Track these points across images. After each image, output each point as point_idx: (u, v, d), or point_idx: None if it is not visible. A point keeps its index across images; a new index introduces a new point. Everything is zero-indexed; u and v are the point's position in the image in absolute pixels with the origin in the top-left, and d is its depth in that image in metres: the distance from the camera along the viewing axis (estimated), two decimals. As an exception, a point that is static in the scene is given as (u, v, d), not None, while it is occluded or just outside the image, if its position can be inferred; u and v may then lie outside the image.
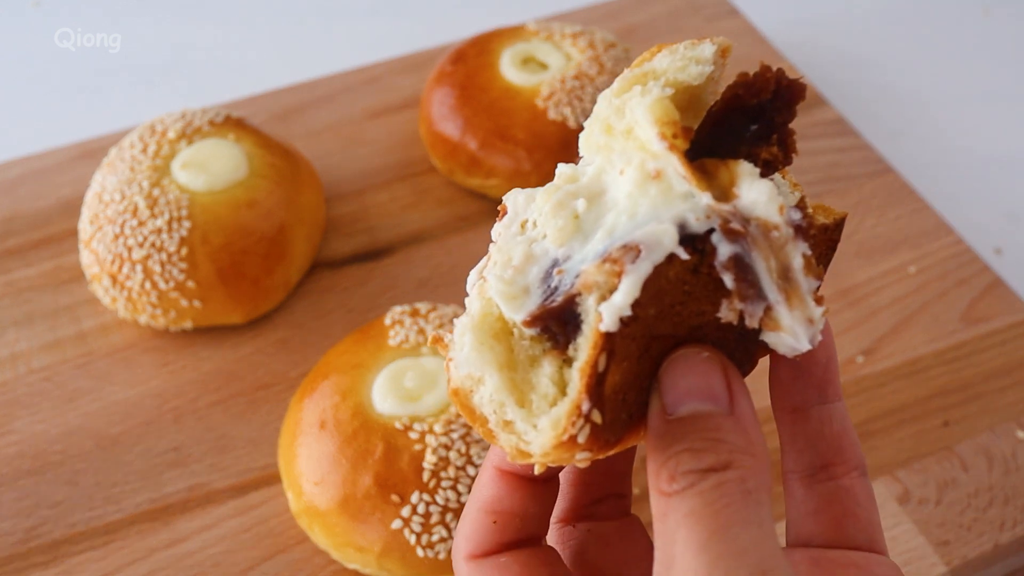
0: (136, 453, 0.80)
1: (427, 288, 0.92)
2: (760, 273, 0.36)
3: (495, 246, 0.41)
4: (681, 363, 0.38)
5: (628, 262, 0.36)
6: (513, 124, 0.94)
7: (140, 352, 0.87)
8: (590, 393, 0.36)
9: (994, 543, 0.73)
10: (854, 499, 0.44)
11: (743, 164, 0.37)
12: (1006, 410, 0.81)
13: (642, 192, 0.38)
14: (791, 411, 0.44)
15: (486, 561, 0.43)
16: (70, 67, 1.23)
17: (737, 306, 0.37)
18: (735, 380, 0.38)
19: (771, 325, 0.37)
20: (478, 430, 0.40)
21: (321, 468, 0.71)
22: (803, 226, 0.36)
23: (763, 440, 0.37)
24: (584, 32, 1.01)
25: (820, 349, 0.44)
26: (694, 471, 0.35)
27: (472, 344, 0.40)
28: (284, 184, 0.89)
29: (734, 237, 0.36)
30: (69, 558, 0.74)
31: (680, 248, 0.36)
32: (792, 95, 0.38)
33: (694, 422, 0.37)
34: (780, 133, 0.39)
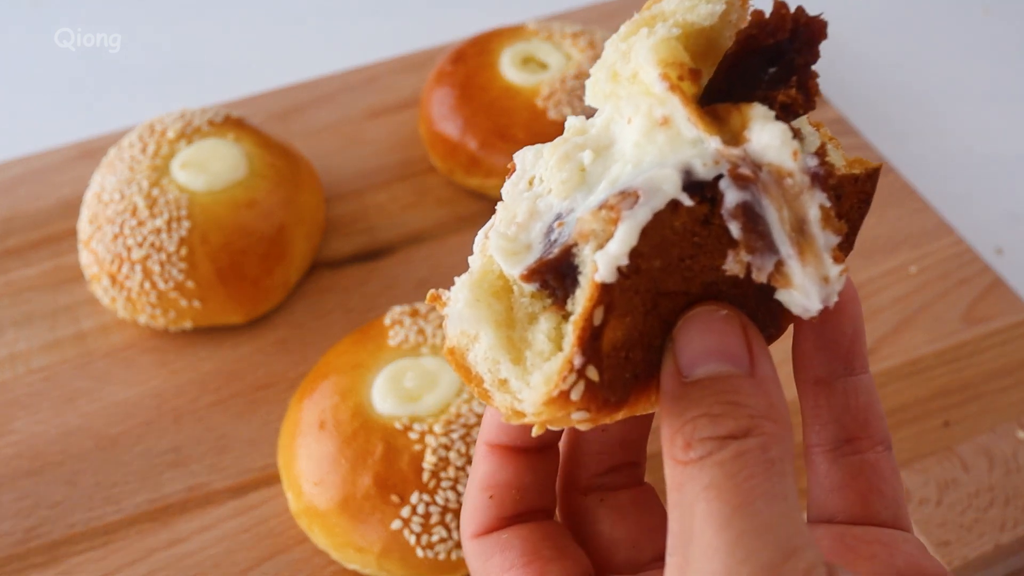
0: (135, 453, 0.80)
1: (427, 288, 0.91)
2: (771, 223, 0.33)
3: (501, 204, 0.39)
4: (698, 321, 0.35)
5: (625, 208, 0.33)
6: (513, 124, 0.94)
7: (139, 352, 0.86)
8: (583, 347, 0.34)
9: (995, 543, 0.73)
10: (880, 474, 0.42)
11: (756, 107, 0.35)
12: (1007, 410, 0.81)
13: (649, 140, 0.35)
14: (815, 382, 0.42)
15: (488, 538, 0.42)
16: (70, 67, 1.23)
17: (744, 258, 0.34)
18: (755, 340, 0.35)
19: (782, 281, 0.34)
20: (473, 390, 0.38)
21: (321, 468, 0.71)
22: (820, 174, 0.33)
23: (786, 404, 0.35)
24: (584, 32, 1.01)
25: (847, 318, 0.42)
26: (712, 438, 0.33)
27: (467, 300, 0.38)
28: (284, 184, 0.89)
29: (743, 183, 0.33)
30: (68, 558, 0.74)
31: (684, 194, 0.33)
32: (812, 34, 0.36)
33: (711, 384, 0.34)
34: (800, 75, 0.36)
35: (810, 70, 0.36)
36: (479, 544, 0.42)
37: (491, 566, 0.42)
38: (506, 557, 0.41)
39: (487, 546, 0.42)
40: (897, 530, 0.41)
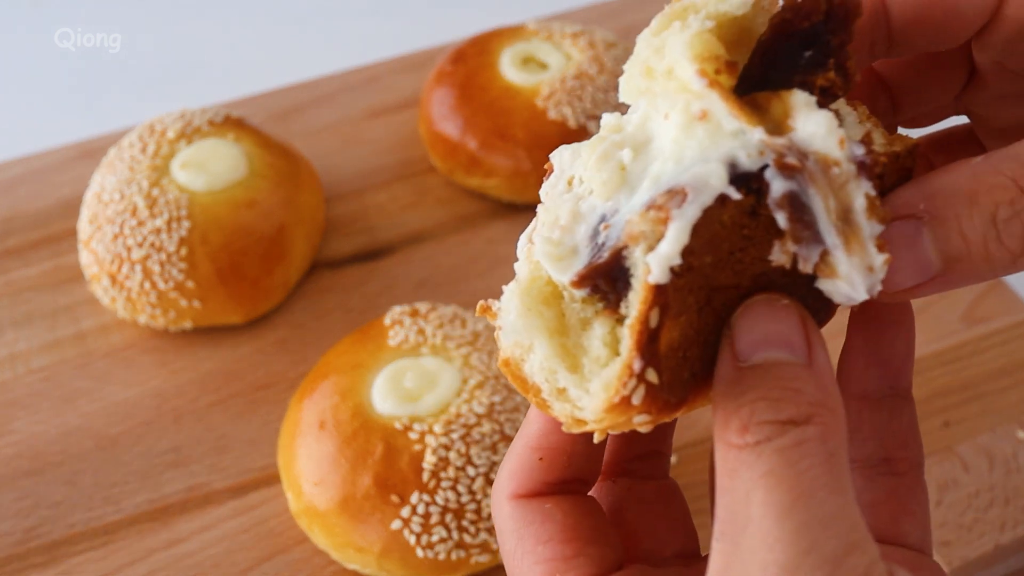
0: (135, 453, 0.80)
1: (427, 288, 0.91)
2: (817, 213, 0.33)
3: (542, 206, 0.38)
4: (758, 308, 0.35)
5: (674, 207, 0.33)
6: (513, 124, 0.94)
7: (139, 352, 0.86)
8: (641, 351, 0.33)
9: (995, 544, 0.73)
10: (915, 497, 0.41)
11: (797, 93, 0.34)
12: (1007, 411, 0.81)
13: (688, 135, 0.35)
14: (860, 397, 0.42)
15: (530, 503, 0.41)
16: (70, 67, 1.23)
17: (791, 248, 0.34)
18: (813, 331, 0.35)
19: (827, 271, 0.34)
20: (531, 400, 0.38)
21: (321, 468, 0.71)
22: (867, 163, 0.33)
23: (840, 397, 0.34)
24: (584, 32, 1.01)
25: (902, 337, 0.42)
26: (772, 422, 0.32)
27: (519, 310, 0.37)
28: (284, 184, 0.89)
29: (790, 173, 0.33)
30: (68, 558, 0.74)
31: (731, 188, 0.33)
32: (847, 13, 0.35)
33: (769, 370, 0.34)
34: (837, 56, 0.35)
35: (846, 51, 0.36)
36: (518, 507, 0.41)
37: (528, 533, 0.40)
38: (546, 528, 0.40)
39: (527, 511, 0.41)
40: (922, 554, 0.41)
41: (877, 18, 0.40)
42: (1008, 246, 0.34)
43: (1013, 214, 0.34)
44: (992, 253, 0.34)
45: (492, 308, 0.39)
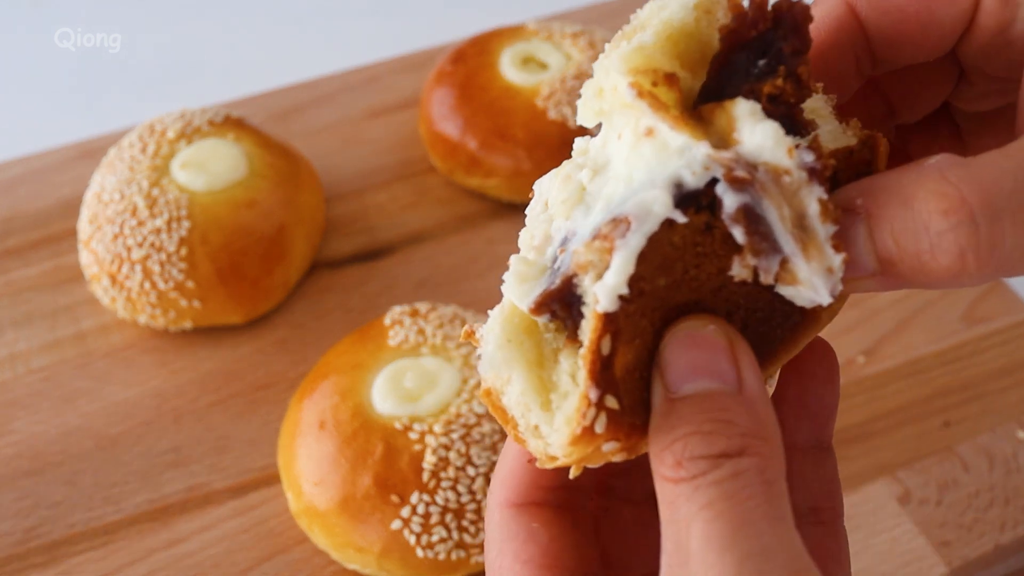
0: (135, 453, 0.80)
1: (427, 288, 0.91)
2: (773, 223, 0.33)
3: (524, 230, 0.39)
4: (682, 337, 0.35)
5: (618, 237, 0.33)
6: (513, 124, 0.94)
7: (139, 352, 0.86)
8: (595, 379, 0.33)
9: (995, 544, 0.73)
10: (839, 544, 0.42)
11: (739, 103, 0.34)
12: (1007, 410, 0.81)
13: (636, 153, 0.35)
14: (789, 447, 0.41)
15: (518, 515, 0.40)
16: (70, 67, 1.23)
17: (750, 262, 0.34)
18: (743, 355, 0.34)
19: (788, 279, 0.34)
20: (509, 432, 0.38)
21: (321, 468, 0.71)
22: (817, 168, 0.33)
23: (776, 421, 0.34)
24: (584, 32, 1.01)
25: (829, 391, 0.42)
26: (705, 457, 0.32)
27: (498, 341, 0.37)
28: (284, 184, 0.89)
29: (740, 186, 0.33)
30: (68, 559, 0.74)
31: (676, 211, 0.33)
32: (796, 19, 0.34)
33: (699, 402, 0.33)
34: (788, 64, 0.35)
35: (800, 57, 0.35)
36: (507, 517, 0.41)
37: (509, 548, 0.40)
38: (527, 548, 0.40)
39: (514, 524, 0.40)
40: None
41: (856, 38, 0.40)
42: (940, 261, 0.32)
43: (948, 228, 0.32)
44: (925, 265, 0.33)
45: (476, 334, 0.38)
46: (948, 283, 0.33)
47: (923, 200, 0.32)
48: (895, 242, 0.33)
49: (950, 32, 0.39)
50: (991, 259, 0.32)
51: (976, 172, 0.32)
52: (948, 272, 0.33)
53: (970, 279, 0.33)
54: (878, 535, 0.74)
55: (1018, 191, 0.32)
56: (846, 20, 0.39)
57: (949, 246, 0.32)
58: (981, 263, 0.32)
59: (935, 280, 0.33)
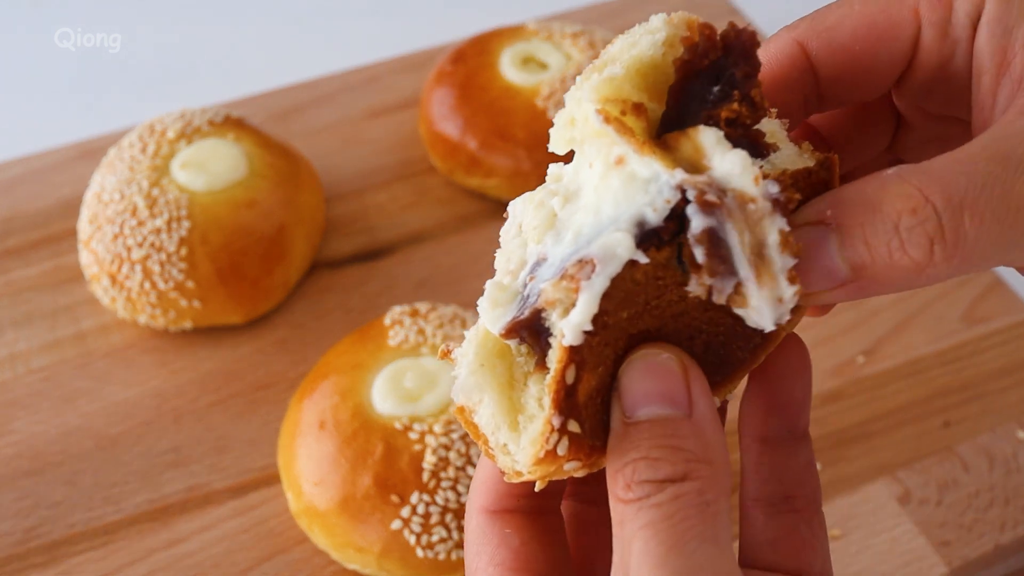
0: (135, 453, 0.80)
1: (427, 288, 0.91)
2: (733, 247, 0.35)
3: (499, 251, 0.40)
4: (638, 365, 0.37)
5: (583, 278, 0.35)
6: (513, 124, 0.94)
7: (139, 352, 0.86)
8: (559, 407, 0.36)
9: (995, 543, 0.73)
10: (813, 531, 0.44)
11: (703, 130, 0.36)
12: (1007, 410, 0.81)
13: (605, 185, 0.36)
14: (760, 440, 0.44)
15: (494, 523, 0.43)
16: (70, 67, 1.23)
17: (706, 281, 0.35)
18: (695, 382, 0.37)
19: (738, 302, 0.36)
20: (481, 448, 0.40)
21: (321, 468, 0.71)
22: (781, 200, 0.35)
23: (723, 443, 0.36)
24: (584, 32, 1.01)
25: (800, 383, 0.44)
26: (651, 481, 0.35)
27: (471, 366, 0.39)
28: (284, 184, 0.89)
29: (710, 209, 0.34)
30: (68, 559, 0.74)
31: (639, 252, 0.35)
32: (744, 45, 0.36)
33: (651, 427, 0.36)
34: (742, 88, 0.37)
35: (752, 80, 0.37)
36: (484, 521, 0.43)
37: (484, 551, 0.42)
38: (500, 552, 0.42)
39: (489, 530, 0.43)
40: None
41: (805, 75, 0.42)
42: (912, 255, 0.35)
43: (916, 223, 0.34)
44: (897, 262, 0.35)
45: (452, 354, 0.40)
46: (916, 279, 0.35)
47: (890, 203, 0.35)
48: (867, 246, 0.35)
49: (893, 70, 0.41)
50: (956, 251, 0.35)
51: (934, 174, 0.35)
52: (918, 267, 0.35)
53: (936, 272, 0.35)
54: (878, 535, 0.74)
55: (972, 188, 0.35)
56: (796, 57, 0.42)
57: (919, 239, 0.34)
58: (948, 255, 0.35)
59: (905, 277, 0.35)
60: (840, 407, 0.82)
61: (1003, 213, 0.35)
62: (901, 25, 0.41)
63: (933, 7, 0.40)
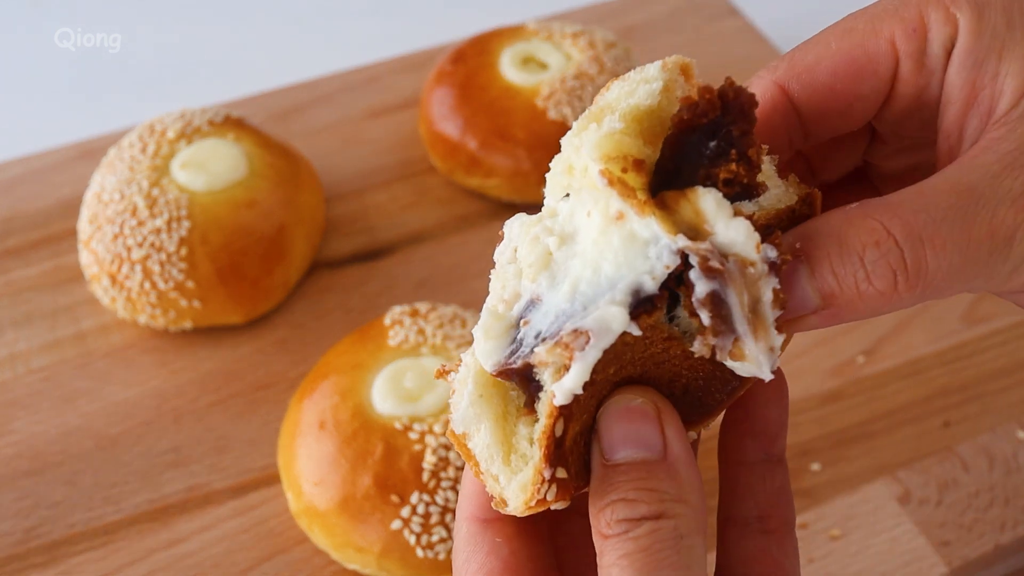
0: (135, 453, 0.80)
1: (427, 288, 0.91)
2: (733, 307, 0.37)
3: (494, 272, 0.41)
4: (614, 410, 0.39)
5: (578, 349, 0.37)
6: (513, 124, 0.94)
7: (139, 352, 0.86)
8: (549, 460, 0.38)
9: (995, 543, 0.73)
10: (784, 553, 0.46)
11: (702, 194, 0.37)
12: (1007, 410, 0.81)
13: (605, 240, 0.38)
14: (736, 463, 0.46)
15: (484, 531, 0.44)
16: (70, 67, 1.23)
17: (711, 341, 0.37)
18: (669, 424, 0.39)
19: (737, 355, 0.37)
20: (472, 469, 0.41)
21: (321, 468, 0.71)
22: (777, 263, 0.37)
23: (697, 482, 0.38)
24: (584, 32, 1.01)
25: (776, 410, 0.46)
26: (628, 519, 0.37)
27: (471, 398, 0.41)
28: (284, 184, 0.89)
29: (713, 275, 0.36)
30: (68, 558, 0.74)
31: (633, 325, 0.37)
32: (742, 105, 0.37)
33: (628, 470, 0.38)
34: (739, 146, 0.38)
35: (749, 138, 0.38)
36: (472, 529, 0.44)
37: (474, 559, 0.44)
38: (489, 560, 0.43)
39: (479, 538, 0.44)
40: None
41: (788, 117, 0.44)
42: (876, 286, 0.37)
43: (880, 256, 0.37)
44: (863, 292, 0.37)
45: (448, 376, 0.42)
46: (881, 307, 0.37)
47: (855, 236, 0.37)
48: (835, 276, 0.37)
49: (873, 104, 0.43)
50: (919, 281, 0.37)
51: (896, 207, 0.37)
52: (882, 297, 0.37)
53: (900, 301, 0.37)
54: (878, 535, 0.74)
55: (932, 221, 0.37)
56: (778, 100, 0.43)
57: (883, 271, 0.37)
58: (911, 284, 0.37)
59: (870, 305, 0.37)
60: (840, 407, 0.82)
61: (964, 244, 0.37)
62: (879, 59, 0.42)
63: (909, 38, 0.41)
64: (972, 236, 0.37)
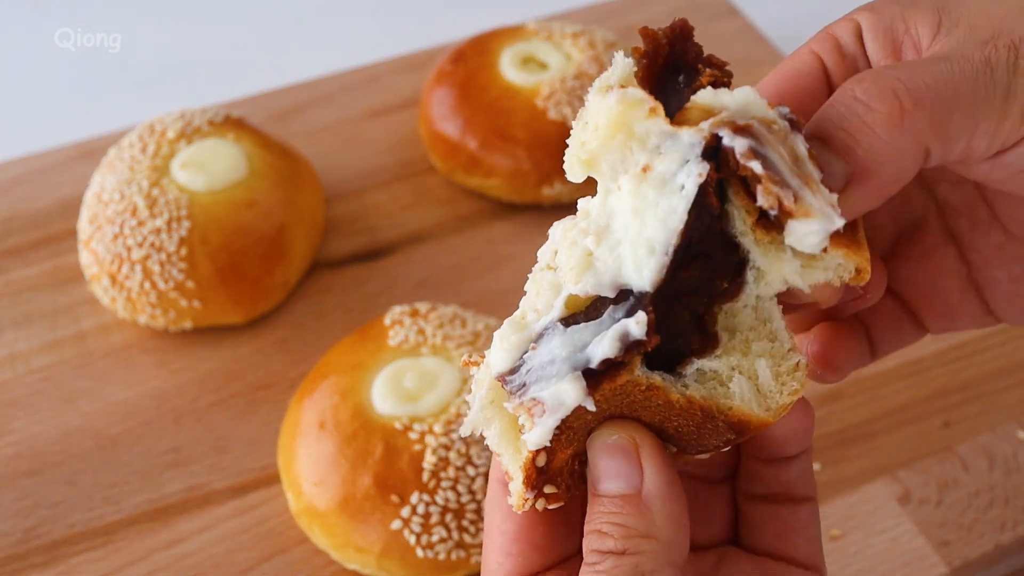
0: (135, 453, 0.80)
1: (427, 288, 0.91)
2: (776, 162, 0.37)
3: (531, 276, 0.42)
4: (598, 444, 0.41)
5: (536, 415, 0.39)
6: (513, 124, 0.94)
7: (139, 352, 0.86)
8: (531, 485, 0.41)
9: (995, 543, 0.73)
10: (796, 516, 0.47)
11: (700, 95, 0.39)
12: (1007, 410, 0.81)
13: (641, 200, 0.39)
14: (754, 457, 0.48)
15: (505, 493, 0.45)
16: (70, 67, 1.23)
17: (773, 189, 0.37)
18: (649, 460, 0.41)
19: (801, 212, 0.37)
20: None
21: (321, 468, 0.71)
22: (795, 119, 0.38)
23: (674, 516, 0.40)
24: (584, 32, 1.01)
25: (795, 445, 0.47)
26: (598, 551, 0.40)
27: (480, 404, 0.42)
28: (284, 184, 0.89)
29: (743, 132, 0.37)
30: (68, 558, 0.74)
31: (589, 400, 0.39)
32: (683, 34, 0.41)
33: (605, 503, 0.40)
34: (704, 63, 0.41)
35: (702, 53, 0.41)
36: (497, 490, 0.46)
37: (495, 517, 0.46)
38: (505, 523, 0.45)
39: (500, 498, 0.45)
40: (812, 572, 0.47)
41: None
42: (881, 109, 0.38)
43: (870, 84, 0.39)
44: (871, 123, 0.38)
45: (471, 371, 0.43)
46: (901, 134, 0.38)
47: (843, 91, 0.39)
48: (843, 129, 0.39)
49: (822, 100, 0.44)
50: (923, 93, 0.38)
51: (876, 70, 0.40)
52: (893, 121, 0.38)
53: (915, 123, 0.38)
54: (878, 535, 0.74)
55: (917, 63, 0.40)
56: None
57: (880, 92, 0.38)
58: (915, 98, 0.38)
59: (890, 140, 0.38)
60: (840, 407, 0.82)
61: (959, 61, 0.39)
62: (808, 64, 0.46)
63: (824, 41, 0.46)
64: (966, 56, 0.39)
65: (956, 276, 0.51)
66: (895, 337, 0.52)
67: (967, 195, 0.50)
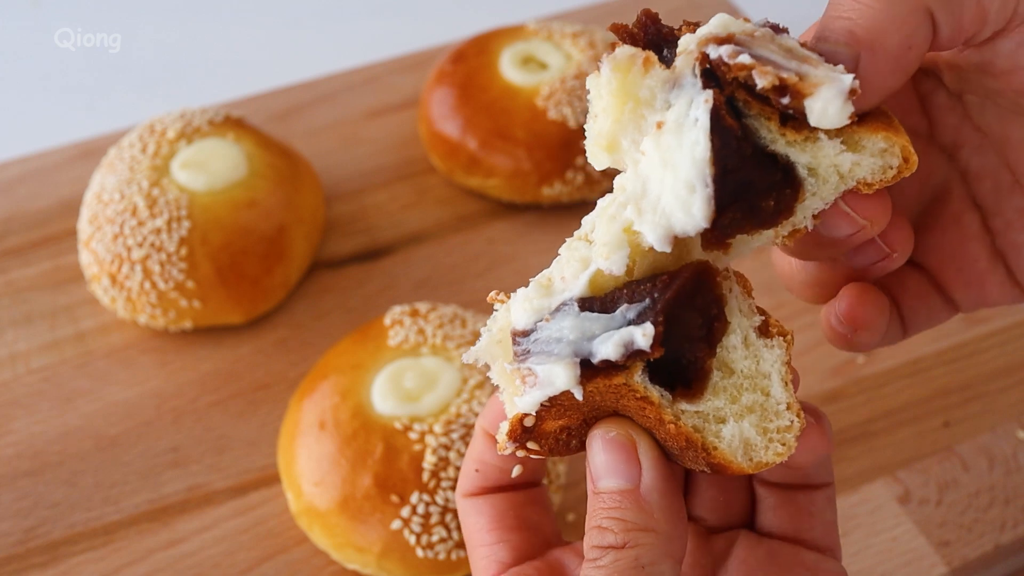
0: (135, 453, 0.80)
1: (427, 288, 0.91)
2: (768, 55, 0.38)
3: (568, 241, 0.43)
4: (596, 440, 0.43)
5: (529, 386, 0.41)
6: (513, 124, 0.94)
7: (139, 352, 0.86)
8: (514, 438, 0.43)
9: (995, 543, 0.73)
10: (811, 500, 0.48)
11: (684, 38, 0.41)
12: (1007, 410, 0.81)
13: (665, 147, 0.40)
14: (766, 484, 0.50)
15: (471, 501, 0.50)
16: (70, 67, 1.23)
17: (769, 70, 0.38)
18: (647, 456, 0.42)
19: (808, 87, 0.38)
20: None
21: (321, 468, 0.71)
22: (777, 25, 0.40)
23: (672, 510, 0.41)
24: (584, 32, 1.01)
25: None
26: (598, 547, 0.40)
27: (489, 339, 0.43)
28: (284, 184, 0.89)
29: (727, 41, 0.39)
30: (68, 558, 0.74)
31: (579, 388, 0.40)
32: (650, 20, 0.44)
33: (604, 499, 0.41)
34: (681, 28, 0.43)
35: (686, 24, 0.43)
36: (464, 503, 0.51)
37: (468, 525, 0.50)
38: (476, 521, 0.50)
39: (468, 507, 0.50)
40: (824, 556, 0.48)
41: None
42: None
43: None
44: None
45: (495, 306, 0.44)
46: (894, 2, 0.39)
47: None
48: (831, 14, 0.39)
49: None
50: None
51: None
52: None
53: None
54: (878, 535, 0.74)
55: None
56: None
57: None
58: None
59: (886, 8, 0.38)
60: (840, 407, 0.82)
61: None
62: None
63: None
64: None
65: (982, 244, 0.50)
66: (925, 313, 0.52)
67: (989, 161, 0.49)
